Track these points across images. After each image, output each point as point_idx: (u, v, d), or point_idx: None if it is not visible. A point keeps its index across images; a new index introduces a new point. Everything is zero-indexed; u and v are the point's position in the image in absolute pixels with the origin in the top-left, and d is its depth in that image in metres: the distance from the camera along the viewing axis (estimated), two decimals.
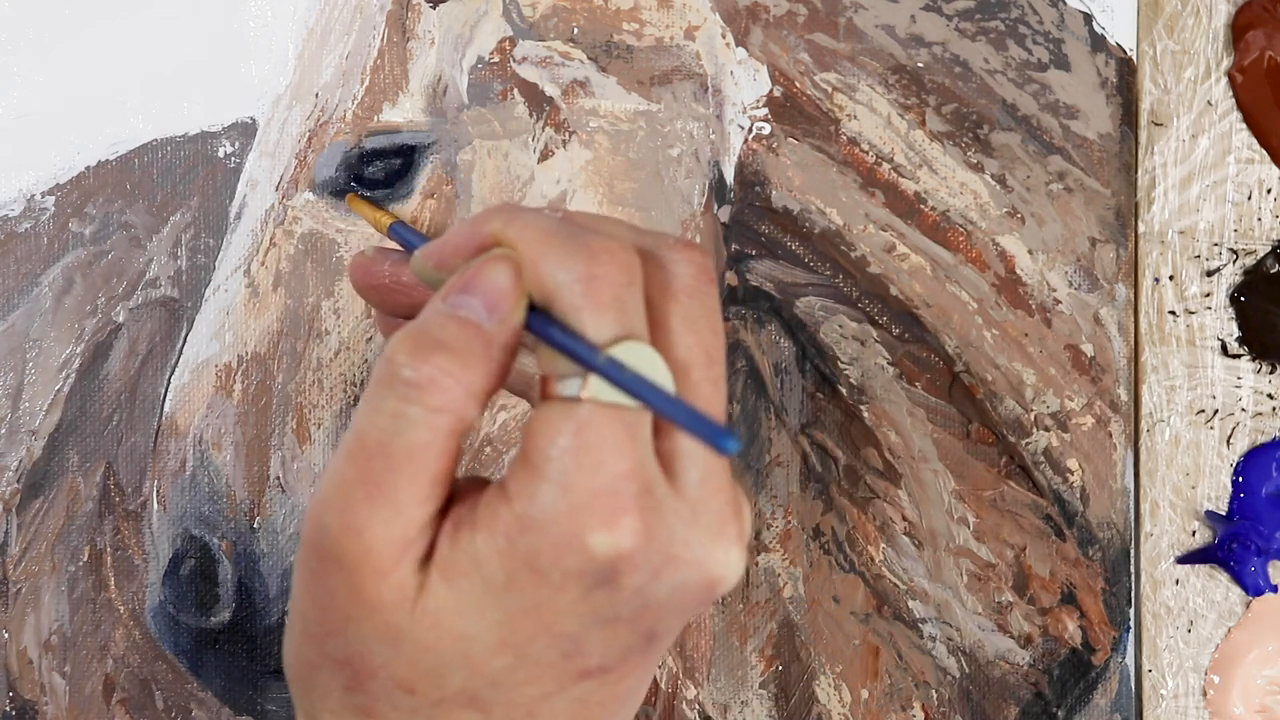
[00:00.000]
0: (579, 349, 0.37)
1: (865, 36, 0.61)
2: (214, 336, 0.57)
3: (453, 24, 0.59)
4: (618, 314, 0.37)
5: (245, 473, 0.57)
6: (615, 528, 0.36)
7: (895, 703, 0.59)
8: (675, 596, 0.38)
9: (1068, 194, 0.61)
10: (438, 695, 0.37)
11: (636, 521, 0.36)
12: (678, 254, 0.40)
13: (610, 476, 0.36)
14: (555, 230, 0.38)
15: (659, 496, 0.37)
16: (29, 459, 0.56)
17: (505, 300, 0.38)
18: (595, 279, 0.37)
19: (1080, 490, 0.60)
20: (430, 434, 0.37)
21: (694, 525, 0.38)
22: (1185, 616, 0.60)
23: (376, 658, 0.37)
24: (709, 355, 0.39)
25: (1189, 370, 0.61)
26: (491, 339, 0.37)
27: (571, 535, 0.36)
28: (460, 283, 0.38)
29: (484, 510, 0.37)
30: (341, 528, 0.37)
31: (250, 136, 0.58)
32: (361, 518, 0.36)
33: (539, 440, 0.37)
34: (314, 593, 0.38)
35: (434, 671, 0.37)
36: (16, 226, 0.57)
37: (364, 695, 0.38)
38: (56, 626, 0.56)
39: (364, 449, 0.37)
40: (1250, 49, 0.62)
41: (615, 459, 0.36)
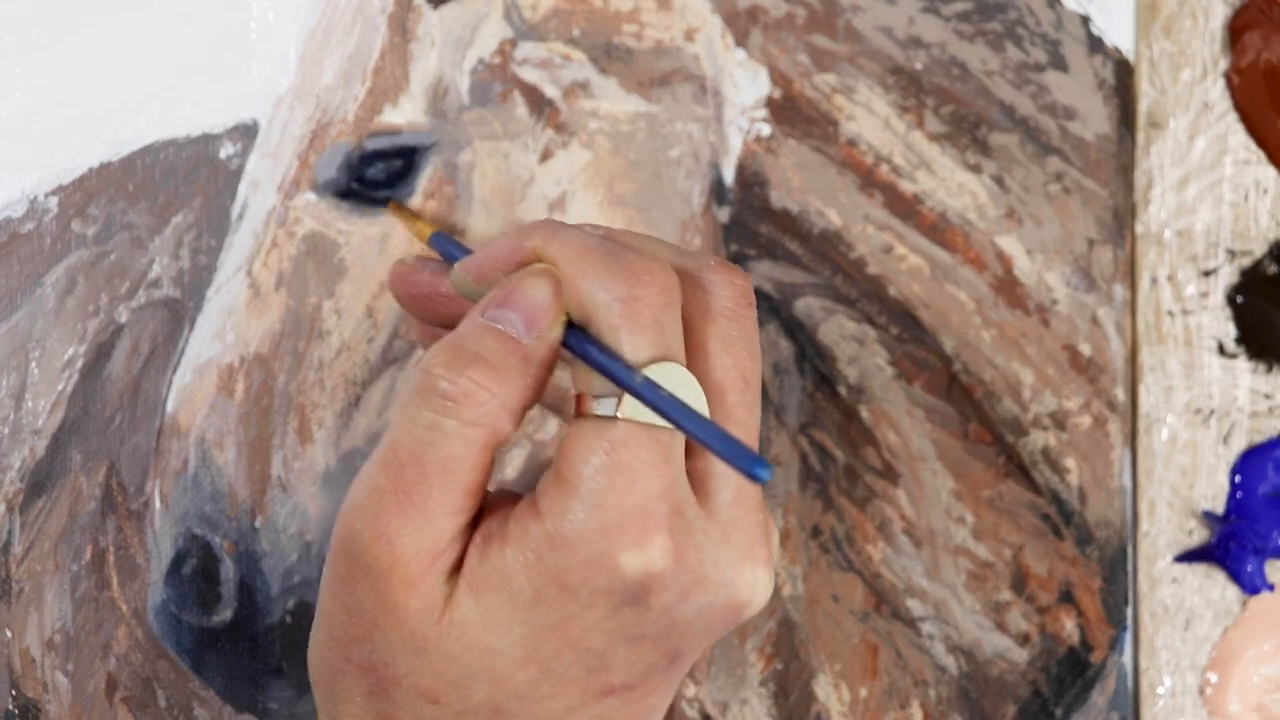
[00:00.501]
0: (616, 369, 0.37)
1: (864, 38, 0.61)
2: (216, 337, 0.58)
3: (454, 25, 0.59)
4: (655, 335, 0.37)
5: (247, 472, 0.57)
6: (646, 547, 0.36)
7: (894, 701, 0.59)
8: (702, 617, 0.38)
9: (1065, 195, 0.61)
10: (461, 706, 0.38)
11: (667, 542, 0.36)
12: (718, 276, 0.40)
13: (642, 496, 0.36)
14: (596, 248, 0.38)
15: (690, 517, 0.37)
16: (32, 458, 0.56)
17: (543, 316, 0.38)
18: (634, 299, 0.37)
19: (1078, 489, 0.60)
20: (464, 447, 0.37)
21: (724, 546, 0.38)
22: (1182, 615, 0.61)
23: (401, 666, 0.37)
24: (745, 379, 0.39)
25: (1186, 370, 0.61)
26: (529, 354, 0.37)
27: (602, 553, 0.36)
28: (499, 296, 0.38)
29: (514, 525, 0.37)
30: (372, 535, 0.37)
31: (252, 137, 0.58)
32: (392, 526, 0.36)
33: (572, 458, 0.37)
34: (342, 598, 0.38)
35: (458, 683, 0.37)
36: (19, 227, 0.57)
37: (387, 702, 0.38)
38: (59, 625, 0.56)
39: (397, 458, 0.37)
40: (1247, 51, 0.62)
41: (648, 479, 0.36)
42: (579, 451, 0.37)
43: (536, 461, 0.59)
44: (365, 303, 0.58)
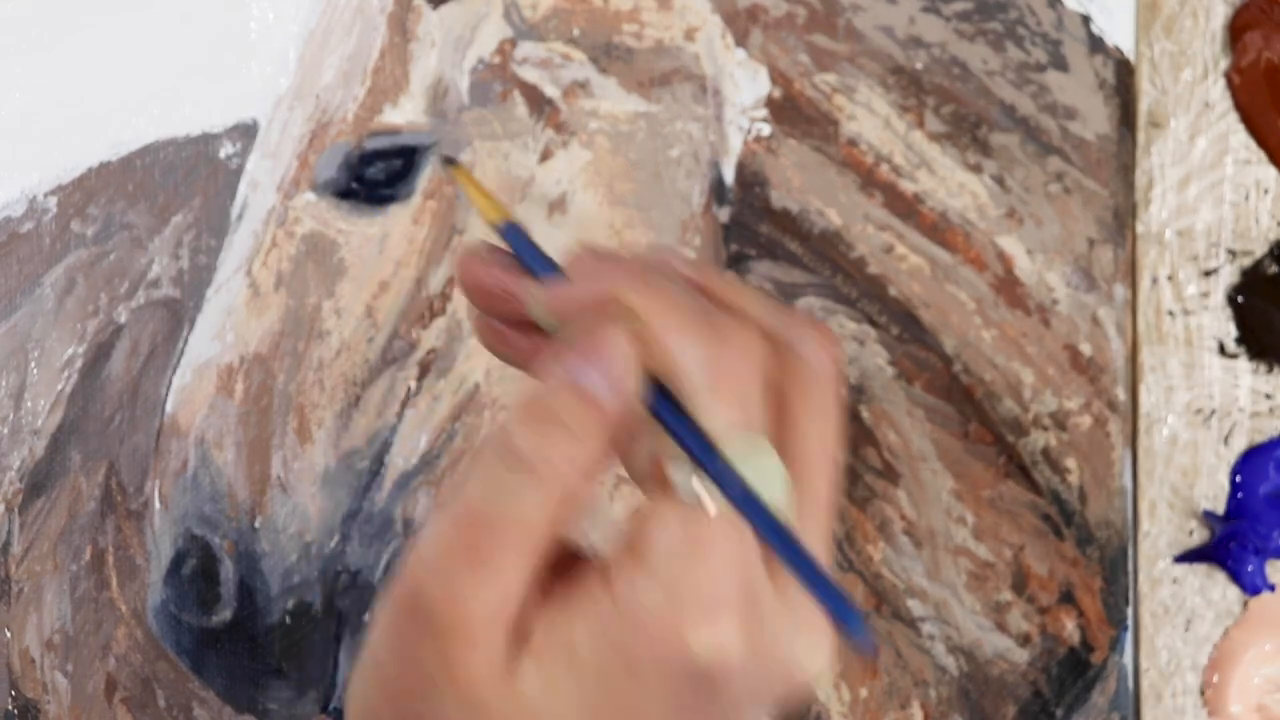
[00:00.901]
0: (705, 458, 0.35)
1: (864, 38, 0.61)
2: (215, 337, 0.58)
3: (453, 25, 0.59)
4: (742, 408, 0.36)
5: (247, 472, 0.57)
6: (717, 630, 0.35)
7: (894, 701, 0.59)
8: (764, 694, 0.37)
9: (1066, 194, 0.61)
10: None
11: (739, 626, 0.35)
12: (810, 340, 0.38)
13: (719, 578, 0.35)
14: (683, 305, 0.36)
15: (761, 596, 0.36)
16: (31, 459, 0.56)
17: (626, 379, 0.36)
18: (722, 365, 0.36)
19: (1078, 489, 0.60)
20: (541, 512, 0.36)
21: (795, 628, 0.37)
22: (1183, 615, 0.61)
23: None
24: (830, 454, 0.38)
25: (1187, 370, 0.61)
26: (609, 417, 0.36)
27: (671, 634, 0.35)
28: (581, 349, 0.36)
29: (583, 594, 0.36)
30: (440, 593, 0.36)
31: (252, 137, 0.58)
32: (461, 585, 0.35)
33: (651, 535, 0.35)
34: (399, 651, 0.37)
35: None
36: (19, 227, 0.57)
37: None
38: (59, 625, 0.56)
39: (469, 515, 0.36)
40: (1248, 50, 0.62)
41: (726, 561, 0.35)
42: (658, 529, 0.35)
43: None
44: (365, 303, 0.58)
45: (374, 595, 0.57)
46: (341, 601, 0.57)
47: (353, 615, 0.57)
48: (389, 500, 0.58)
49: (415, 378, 0.58)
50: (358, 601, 0.57)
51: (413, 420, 0.58)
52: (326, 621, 0.57)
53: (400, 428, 0.58)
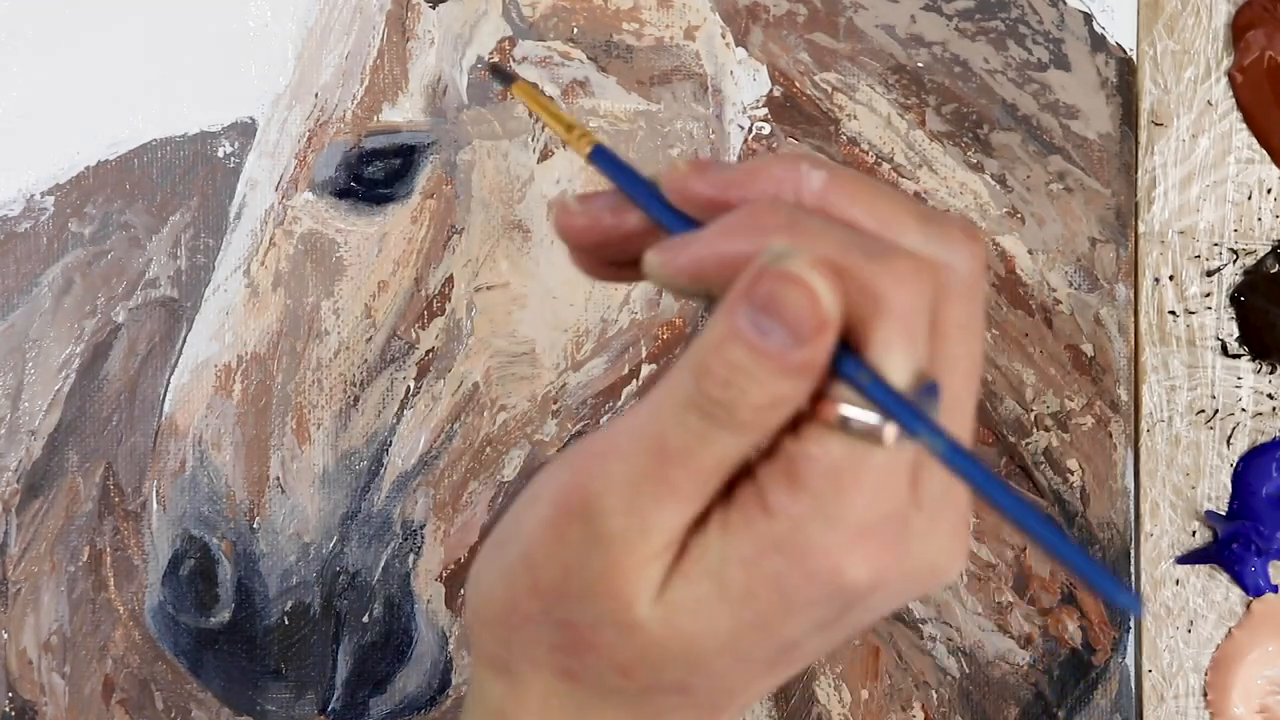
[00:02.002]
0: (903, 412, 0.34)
1: (865, 36, 0.61)
2: (214, 336, 0.57)
3: (452, 24, 0.59)
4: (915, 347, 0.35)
5: (245, 473, 0.57)
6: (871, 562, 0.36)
7: (895, 703, 0.59)
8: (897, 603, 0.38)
9: (1068, 194, 0.61)
10: (649, 682, 0.38)
11: (891, 554, 0.36)
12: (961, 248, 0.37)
13: (880, 515, 0.35)
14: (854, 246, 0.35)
15: (909, 518, 0.37)
16: (29, 459, 0.56)
17: (818, 331, 0.35)
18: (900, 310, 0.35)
19: (1080, 490, 0.60)
20: (735, 456, 0.36)
21: (930, 540, 0.37)
22: (1185, 617, 0.60)
23: (604, 635, 0.37)
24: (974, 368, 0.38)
25: (1189, 370, 0.61)
26: (802, 372, 0.35)
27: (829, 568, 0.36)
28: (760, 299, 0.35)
29: (738, 514, 0.36)
30: (623, 514, 0.36)
31: (250, 136, 0.58)
32: (646, 508, 0.36)
33: (815, 467, 0.35)
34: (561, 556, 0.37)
35: (655, 663, 0.37)
36: (16, 226, 0.57)
37: (575, 661, 0.38)
38: (56, 627, 0.56)
39: (663, 450, 0.36)
40: (1250, 49, 0.62)
41: (888, 500, 0.35)
42: (824, 464, 0.35)
43: (535, 461, 0.58)
44: (363, 302, 0.58)
45: (373, 596, 0.57)
46: (340, 602, 0.57)
47: (351, 616, 0.57)
48: (388, 501, 0.57)
49: (414, 378, 0.58)
50: (356, 602, 0.57)
51: (411, 420, 0.58)
52: (325, 622, 0.57)
53: (399, 428, 0.58)
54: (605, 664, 0.38)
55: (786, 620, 0.37)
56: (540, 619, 0.38)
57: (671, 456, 0.36)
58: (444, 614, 0.57)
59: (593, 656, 0.38)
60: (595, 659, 0.38)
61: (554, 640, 0.38)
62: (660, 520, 0.36)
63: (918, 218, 0.37)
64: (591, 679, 0.38)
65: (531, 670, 0.39)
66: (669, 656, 0.37)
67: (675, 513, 0.36)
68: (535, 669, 0.39)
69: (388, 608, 0.57)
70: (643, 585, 0.36)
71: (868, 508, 0.35)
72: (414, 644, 0.57)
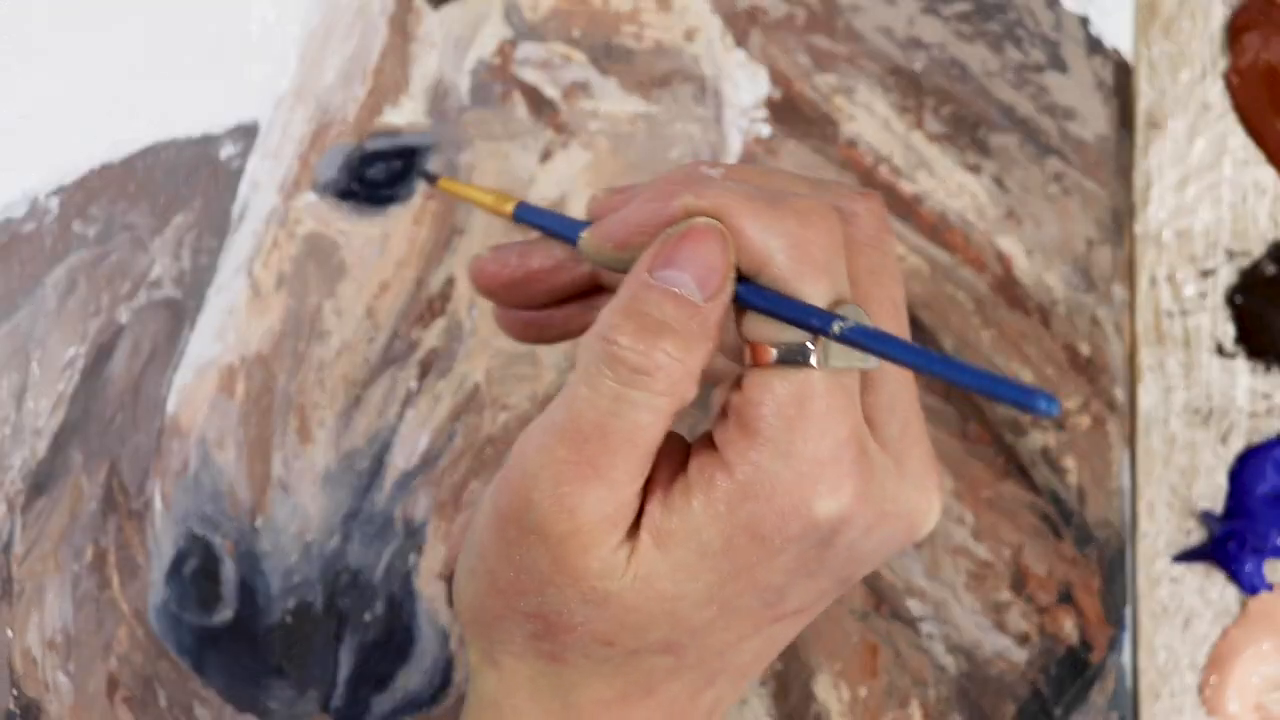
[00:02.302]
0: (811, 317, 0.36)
1: (864, 39, 0.61)
2: (216, 337, 0.58)
3: (454, 26, 0.59)
4: (831, 278, 0.37)
5: (248, 472, 0.57)
6: (839, 493, 0.36)
7: (893, 701, 0.60)
8: (880, 547, 0.38)
9: (1065, 195, 0.61)
10: (635, 646, 0.38)
11: (856, 483, 0.37)
12: (859, 205, 0.39)
13: (834, 443, 0.36)
14: (756, 196, 0.37)
15: (871, 455, 0.37)
16: (33, 459, 0.56)
17: (718, 274, 0.36)
18: (807, 243, 0.36)
19: (1077, 489, 0.60)
20: (652, 416, 0.36)
21: (901, 479, 0.38)
22: (1181, 615, 0.61)
23: (576, 617, 0.37)
24: (896, 306, 0.39)
25: (1185, 370, 0.61)
26: (707, 316, 0.37)
27: (797, 504, 0.36)
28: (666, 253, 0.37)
29: (698, 476, 0.37)
30: (552, 503, 0.36)
31: (252, 138, 0.59)
32: (574, 497, 0.36)
33: (760, 409, 0.36)
34: (510, 556, 0.38)
35: (637, 627, 0.37)
36: (20, 227, 0.57)
37: (554, 644, 0.38)
38: (60, 625, 0.56)
39: (579, 430, 0.36)
40: (1246, 51, 0.62)
41: (838, 425, 0.36)
42: (767, 403, 0.36)
43: None
44: (365, 303, 0.58)
45: (375, 595, 0.58)
46: (342, 601, 0.57)
47: (353, 614, 0.57)
48: (389, 500, 0.58)
49: (416, 378, 0.58)
50: (358, 601, 0.57)
51: (413, 420, 0.58)
52: (327, 621, 0.57)
53: (400, 428, 0.58)
54: (585, 639, 0.38)
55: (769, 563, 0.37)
56: (509, 615, 0.38)
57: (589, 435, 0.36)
58: (445, 612, 0.58)
59: (570, 636, 0.38)
60: (573, 638, 0.38)
61: (528, 631, 0.38)
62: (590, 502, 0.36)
63: (810, 183, 0.39)
64: (576, 656, 0.38)
65: (515, 660, 0.39)
66: (649, 620, 0.37)
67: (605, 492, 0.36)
68: (519, 658, 0.39)
69: (390, 606, 0.57)
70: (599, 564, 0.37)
71: (821, 436, 0.36)
72: (416, 642, 0.58)
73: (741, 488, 0.36)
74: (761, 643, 0.39)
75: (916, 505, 0.38)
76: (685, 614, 0.37)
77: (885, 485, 0.38)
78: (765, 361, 0.37)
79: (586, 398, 0.36)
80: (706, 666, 0.39)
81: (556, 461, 0.37)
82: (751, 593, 0.38)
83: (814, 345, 0.36)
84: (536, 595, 0.38)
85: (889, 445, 0.38)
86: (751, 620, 0.38)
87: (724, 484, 0.36)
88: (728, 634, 0.38)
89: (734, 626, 0.38)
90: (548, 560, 0.37)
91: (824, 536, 0.37)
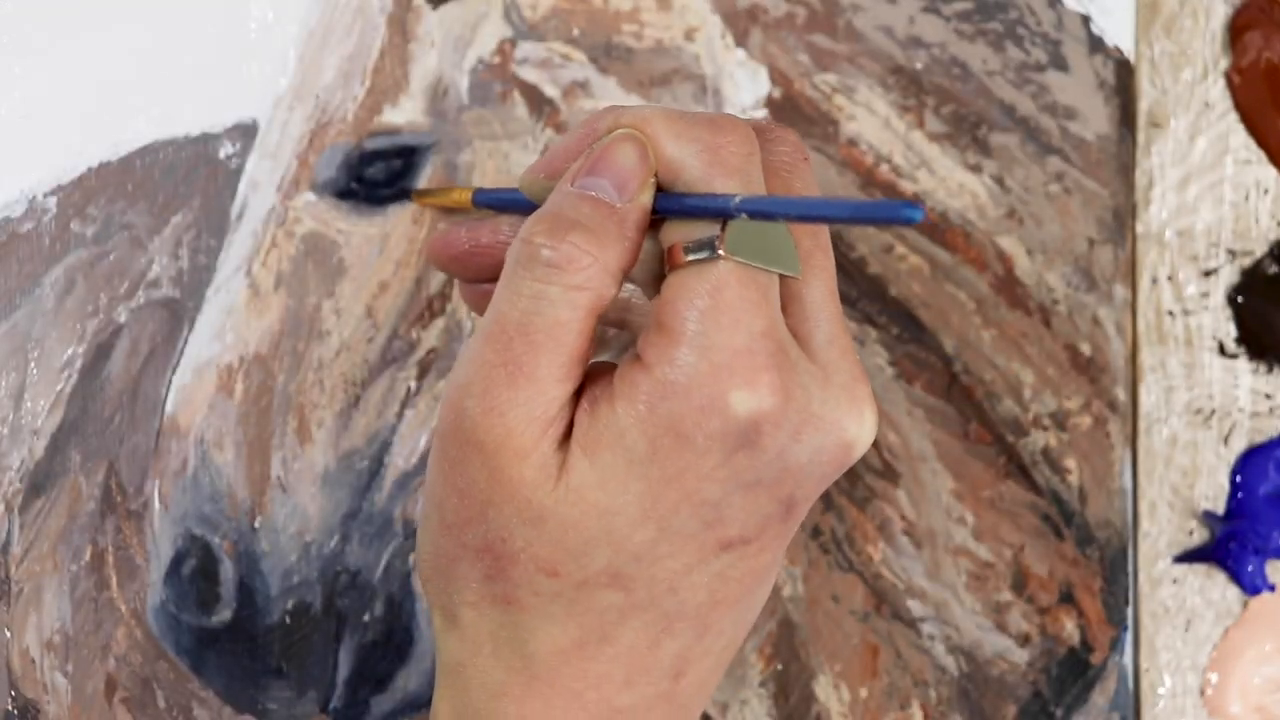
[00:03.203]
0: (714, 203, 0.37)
1: (864, 38, 0.61)
2: (215, 337, 0.58)
3: (453, 25, 0.59)
4: (743, 180, 0.38)
5: (246, 472, 0.57)
6: (755, 386, 0.36)
7: (894, 701, 0.59)
8: (814, 459, 0.38)
9: (1066, 195, 0.61)
10: (580, 576, 0.38)
11: (775, 379, 0.37)
12: (774, 133, 0.40)
13: (748, 335, 0.36)
14: (672, 111, 0.39)
15: (793, 357, 0.38)
16: (31, 459, 0.56)
17: (634, 177, 0.38)
18: (720, 148, 0.38)
19: (1078, 490, 0.60)
20: (571, 311, 0.37)
21: (827, 386, 0.38)
22: (1183, 616, 0.61)
23: (518, 540, 0.37)
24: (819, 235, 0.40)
25: (1187, 370, 0.61)
26: (624, 216, 0.38)
27: (714, 396, 0.36)
28: (587, 165, 0.38)
29: (621, 382, 0.37)
30: (483, 410, 0.37)
31: (251, 137, 0.58)
32: (503, 399, 0.37)
33: (676, 306, 0.37)
34: (452, 480, 0.38)
35: (577, 550, 0.37)
36: (18, 227, 0.57)
37: (505, 583, 0.38)
38: (58, 626, 0.56)
39: (503, 331, 0.37)
40: (1248, 50, 0.62)
41: (752, 318, 0.37)
42: (682, 299, 0.37)
43: None
44: (365, 303, 0.58)
45: (374, 595, 0.57)
46: (341, 601, 0.57)
47: (353, 615, 0.57)
48: (389, 500, 0.58)
49: (415, 378, 0.58)
50: (358, 601, 0.57)
51: (412, 420, 0.58)
52: (326, 621, 0.57)
53: (400, 428, 0.58)
54: (531, 569, 0.38)
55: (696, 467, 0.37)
56: (460, 553, 0.39)
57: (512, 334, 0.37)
58: None
59: (516, 567, 0.38)
60: (519, 569, 0.38)
61: (481, 571, 0.38)
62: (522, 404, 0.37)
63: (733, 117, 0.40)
64: (526, 594, 0.38)
65: (473, 611, 0.39)
66: (588, 539, 0.37)
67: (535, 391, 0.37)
68: (476, 609, 0.39)
69: (389, 606, 0.57)
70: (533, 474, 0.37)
71: (738, 332, 0.36)
72: (415, 643, 0.57)
73: (659, 385, 0.36)
74: (711, 578, 0.39)
75: (847, 415, 0.38)
76: (622, 532, 0.37)
77: (810, 389, 0.38)
78: (680, 263, 0.37)
79: (507, 298, 0.37)
80: (659, 606, 0.38)
81: (484, 365, 0.37)
82: (687, 508, 0.37)
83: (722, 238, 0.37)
84: (481, 522, 0.38)
85: (816, 354, 0.39)
86: (694, 545, 0.38)
87: (643, 384, 0.37)
88: (672, 562, 0.38)
89: (676, 552, 0.38)
90: (485, 474, 0.37)
91: (746, 434, 0.37)
